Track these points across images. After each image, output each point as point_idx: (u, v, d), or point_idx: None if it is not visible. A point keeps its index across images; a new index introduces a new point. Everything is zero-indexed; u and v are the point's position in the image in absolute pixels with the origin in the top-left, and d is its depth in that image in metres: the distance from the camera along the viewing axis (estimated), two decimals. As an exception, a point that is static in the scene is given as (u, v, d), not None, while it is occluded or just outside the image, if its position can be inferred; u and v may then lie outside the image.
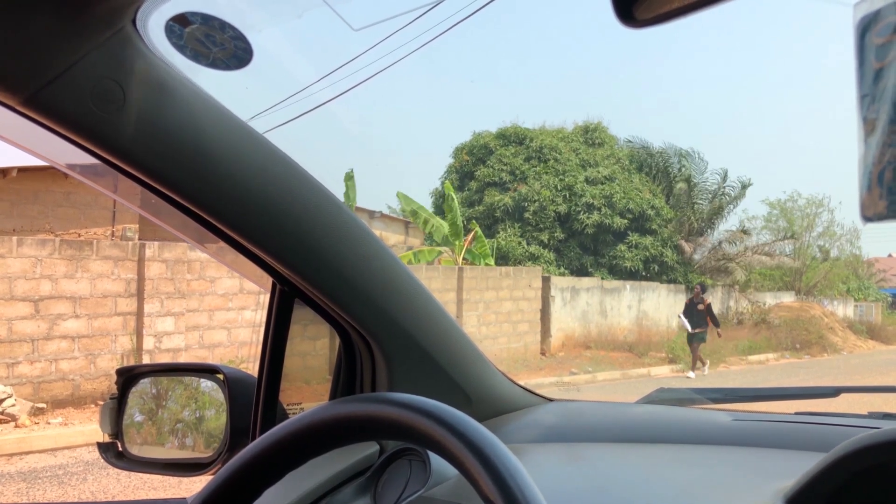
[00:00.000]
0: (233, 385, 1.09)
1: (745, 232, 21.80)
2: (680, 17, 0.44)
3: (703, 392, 1.47)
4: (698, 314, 14.55)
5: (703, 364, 14.46)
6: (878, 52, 0.42)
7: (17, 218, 9.95)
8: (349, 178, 14.94)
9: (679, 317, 15.67)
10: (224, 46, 0.80)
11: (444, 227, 15.43)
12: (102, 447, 1.16)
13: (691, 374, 13.97)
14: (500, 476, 0.52)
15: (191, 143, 0.80)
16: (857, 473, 0.73)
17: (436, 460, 0.95)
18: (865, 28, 0.43)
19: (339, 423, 0.61)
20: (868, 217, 0.41)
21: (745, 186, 21.04)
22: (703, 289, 15.64)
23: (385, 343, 1.07)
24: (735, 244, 21.23)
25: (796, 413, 1.25)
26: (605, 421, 1.26)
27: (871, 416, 1.22)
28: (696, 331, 14.39)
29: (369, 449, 1.03)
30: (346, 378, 1.13)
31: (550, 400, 1.36)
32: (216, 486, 0.61)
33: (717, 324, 14.72)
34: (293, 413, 1.12)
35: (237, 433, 1.07)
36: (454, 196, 15.70)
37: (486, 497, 0.52)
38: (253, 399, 1.08)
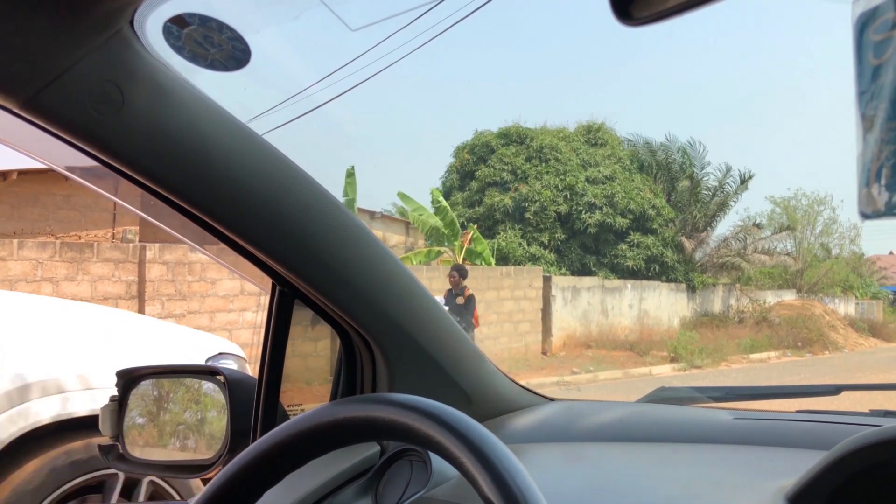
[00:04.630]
0: (233, 387, 1.09)
1: (758, 226, 21.59)
2: (676, 16, 0.44)
3: (705, 391, 1.47)
4: (459, 309, 10.07)
5: None
6: (876, 49, 0.42)
7: (17, 221, 9.96)
8: (350, 174, 14.91)
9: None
10: (222, 47, 0.80)
11: (441, 226, 15.41)
12: (104, 449, 1.16)
13: None
14: (500, 476, 0.52)
15: (189, 145, 0.80)
16: (859, 472, 0.73)
17: (437, 461, 0.95)
18: (864, 25, 0.43)
19: (339, 425, 0.61)
20: (866, 214, 0.41)
21: (744, 180, 20.84)
22: (462, 273, 10.58)
23: (385, 343, 1.07)
24: (740, 240, 21.11)
25: (798, 411, 1.25)
26: (606, 420, 1.26)
27: (873, 413, 1.21)
28: None
29: (370, 450, 1.03)
30: (347, 379, 1.13)
31: (551, 399, 1.36)
32: (217, 488, 0.61)
33: (473, 323, 10.34)
34: (294, 414, 1.12)
35: (238, 435, 1.07)
36: (441, 199, 15.73)
37: (487, 497, 0.52)
38: (253, 400, 1.08)
